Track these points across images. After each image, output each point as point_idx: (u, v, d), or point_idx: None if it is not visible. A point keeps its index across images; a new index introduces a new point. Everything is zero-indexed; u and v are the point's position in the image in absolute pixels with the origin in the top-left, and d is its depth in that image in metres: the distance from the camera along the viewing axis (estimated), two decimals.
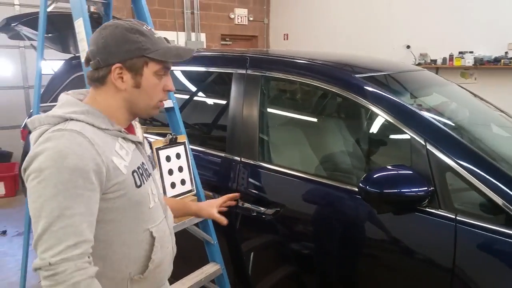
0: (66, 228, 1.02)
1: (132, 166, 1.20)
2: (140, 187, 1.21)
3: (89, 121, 1.14)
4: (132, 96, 1.21)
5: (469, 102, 2.69)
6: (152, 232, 1.25)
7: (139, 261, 1.23)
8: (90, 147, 1.09)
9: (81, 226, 1.04)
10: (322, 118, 2.49)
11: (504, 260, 1.53)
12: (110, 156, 1.13)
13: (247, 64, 2.32)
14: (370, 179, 1.67)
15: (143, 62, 1.19)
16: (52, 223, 1.01)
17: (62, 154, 1.04)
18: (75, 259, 1.02)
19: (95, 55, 1.17)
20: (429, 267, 1.68)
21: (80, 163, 1.05)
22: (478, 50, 6.29)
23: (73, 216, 1.03)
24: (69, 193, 1.03)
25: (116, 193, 1.14)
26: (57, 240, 1.01)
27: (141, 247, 1.23)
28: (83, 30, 1.85)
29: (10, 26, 3.70)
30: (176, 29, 8.62)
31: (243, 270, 2.27)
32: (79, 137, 1.08)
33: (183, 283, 2.09)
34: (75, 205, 1.03)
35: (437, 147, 1.70)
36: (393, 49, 7.27)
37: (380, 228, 1.79)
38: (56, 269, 1.00)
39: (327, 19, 8.56)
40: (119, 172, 1.14)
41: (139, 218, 1.22)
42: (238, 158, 2.24)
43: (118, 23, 1.20)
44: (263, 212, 2.10)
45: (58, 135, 1.08)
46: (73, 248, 1.02)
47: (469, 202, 1.64)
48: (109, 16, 2.41)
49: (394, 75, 2.37)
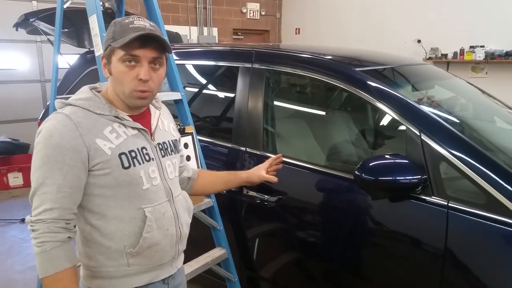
0: (46, 194, 1.21)
1: (121, 148, 1.30)
2: (128, 168, 1.30)
3: (85, 106, 1.29)
4: (113, 84, 1.34)
5: (471, 95, 2.75)
6: (145, 211, 1.33)
7: (133, 236, 1.32)
8: (74, 128, 1.24)
9: (58, 195, 1.22)
10: (324, 110, 2.57)
11: (493, 244, 1.60)
12: (94, 138, 1.26)
13: (253, 58, 2.41)
14: (366, 167, 1.75)
15: (110, 50, 1.30)
16: (37, 188, 1.22)
17: (50, 133, 1.23)
18: (49, 222, 1.21)
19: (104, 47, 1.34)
20: (422, 251, 1.76)
21: (62, 142, 1.22)
22: (489, 45, 6.28)
23: (52, 185, 1.21)
24: (50, 165, 1.21)
25: (101, 171, 1.28)
26: (40, 203, 1.22)
27: (134, 224, 1.33)
28: (96, 26, 1.96)
29: (29, 22, 3.84)
30: (189, 24, 8.73)
31: (248, 255, 2.37)
32: (66, 119, 1.24)
33: (190, 266, 2.20)
34: (54, 175, 1.22)
35: (431, 137, 1.77)
36: (404, 43, 7.27)
37: (377, 214, 1.88)
38: (33, 226, 1.22)
39: (339, 13, 8.58)
40: (101, 153, 1.27)
41: (130, 196, 1.32)
42: (244, 148, 2.34)
43: (118, 19, 1.33)
44: (267, 200, 2.20)
45: (53, 117, 1.27)
46: (49, 212, 1.21)
47: (460, 189, 1.72)
48: (122, 12, 2.52)
49: (396, 69, 2.43)
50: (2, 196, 5.14)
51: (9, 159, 5.44)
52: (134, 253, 1.33)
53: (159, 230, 1.37)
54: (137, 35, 1.25)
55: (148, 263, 1.38)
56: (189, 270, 2.17)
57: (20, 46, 6.39)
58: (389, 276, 1.88)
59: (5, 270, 3.36)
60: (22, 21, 3.97)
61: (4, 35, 5.98)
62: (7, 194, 5.22)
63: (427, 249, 1.74)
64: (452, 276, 1.68)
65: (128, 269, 1.35)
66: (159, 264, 1.42)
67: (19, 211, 4.58)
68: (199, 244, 2.43)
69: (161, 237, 1.38)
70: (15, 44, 6.32)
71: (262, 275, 2.36)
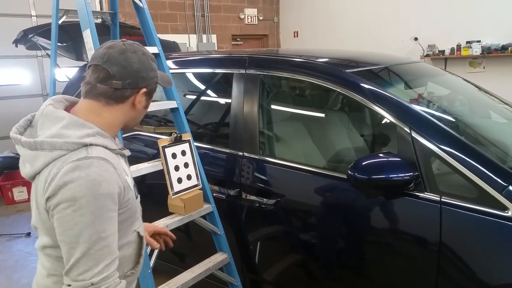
0: (103, 249, 1.11)
1: (132, 181, 1.31)
2: (137, 197, 1.34)
3: (103, 144, 1.19)
4: (138, 115, 1.33)
5: (466, 91, 2.77)
6: (139, 232, 1.36)
7: (131, 259, 1.34)
8: (114, 171, 1.16)
9: (114, 245, 1.15)
10: (318, 112, 2.60)
11: (486, 236, 1.63)
12: (124, 176, 1.22)
13: (246, 64, 2.45)
14: (359, 166, 1.78)
15: (155, 87, 1.34)
16: (91, 247, 1.09)
17: (95, 182, 1.10)
18: (112, 276, 1.14)
19: (126, 77, 1.22)
20: (418, 246, 1.79)
21: (111, 189, 1.13)
22: (486, 39, 6.30)
23: (108, 237, 1.12)
24: (103, 217, 1.11)
25: (126, 208, 1.24)
26: (95, 261, 1.10)
27: (131, 247, 1.34)
28: (90, 40, 2.01)
29: (27, 38, 3.91)
30: (187, 32, 8.81)
31: (249, 258, 2.40)
32: (106, 164, 1.14)
33: (192, 271, 2.24)
34: (108, 226, 1.13)
35: (422, 135, 1.80)
36: (401, 41, 7.31)
37: (372, 213, 1.91)
38: (99, 287, 1.10)
39: (335, 15, 8.63)
40: (128, 189, 1.25)
41: (131, 223, 1.32)
42: (241, 153, 2.38)
43: (143, 49, 1.29)
44: (265, 203, 2.23)
45: (87, 164, 1.11)
46: (110, 266, 1.13)
47: (452, 184, 1.74)
48: (116, 25, 2.58)
49: (389, 68, 2.47)
50: (7, 211, 5.20)
51: (14, 174, 5.49)
52: (133, 273, 1.35)
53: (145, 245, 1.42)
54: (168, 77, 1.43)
55: (135, 278, 1.41)
56: (192, 276, 2.20)
57: (22, 62, 6.47)
58: (388, 273, 1.91)
59: (12, 284, 3.40)
60: (21, 37, 4.05)
61: (6, 51, 6.06)
62: (12, 208, 5.27)
63: (423, 244, 1.77)
64: (448, 270, 1.70)
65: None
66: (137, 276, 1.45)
67: (24, 225, 4.62)
68: (201, 250, 2.47)
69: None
70: (17, 60, 6.40)
71: (264, 278, 2.38)
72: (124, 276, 1.31)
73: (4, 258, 3.89)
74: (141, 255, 1.36)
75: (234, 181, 2.37)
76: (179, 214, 2.19)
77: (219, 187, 2.44)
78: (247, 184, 2.32)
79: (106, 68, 1.21)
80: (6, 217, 5.01)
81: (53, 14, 2.37)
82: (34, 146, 1.14)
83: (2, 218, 4.98)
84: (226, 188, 2.41)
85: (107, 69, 1.21)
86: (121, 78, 1.21)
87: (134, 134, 2.89)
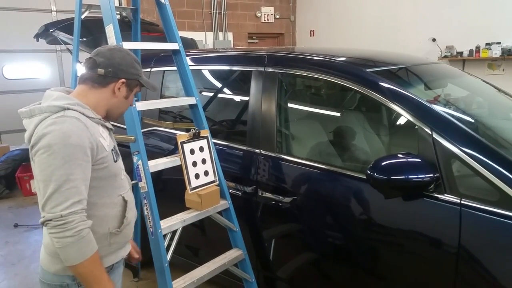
0: (71, 189, 1.37)
1: (110, 146, 1.58)
2: (116, 162, 1.60)
3: (80, 110, 1.47)
4: (118, 103, 1.62)
5: (486, 92, 2.74)
6: (124, 197, 1.62)
7: (116, 219, 1.60)
8: (85, 129, 1.44)
9: (81, 187, 1.40)
10: (336, 111, 2.59)
11: (506, 240, 1.60)
12: (97, 137, 1.49)
13: (265, 62, 2.46)
14: (378, 167, 1.77)
15: (136, 84, 1.64)
16: (61, 185, 1.35)
17: (67, 134, 1.38)
18: (79, 212, 1.39)
19: (108, 66, 1.54)
20: (436, 249, 1.77)
21: (80, 141, 1.40)
22: (506, 41, 6.19)
23: (76, 180, 1.38)
24: (72, 163, 1.37)
25: (101, 165, 1.50)
26: (65, 198, 1.36)
27: (116, 208, 1.60)
28: (113, 35, 2.03)
29: (49, 32, 3.97)
30: (204, 29, 8.85)
31: (264, 255, 2.41)
32: (77, 122, 1.42)
33: (208, 266, 2.26)
34: (77, 171, 1.38)
35: (443, 136, 1.79)
36: (419, 42, 7.24)
37: (390, 213, 1.89)
38: (66, 219, 1.35)
39: (353, 14, 8.58)
40: (102, 149, 1.50)
41: (114, 186, 1.59)
42: (258, 151, 2.38)
43: (129, 52, 1.64)
44: (281, 200, 2.23)
45: (62, 120, 1.40)
46: (78, 204, 1.38)
47: (473, 187, 1.72)
48: (138, 21, 2.60)
49: (408, 68, 2.45)
50: (25, 202, 5.28)
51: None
52: (118, 232, 1.59)
53: (131, 211, 1.66)
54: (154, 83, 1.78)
55: (123, 240, 1.66)
56: (207, 271, 2.22)
57: (41, 56, 6.58)
58: (405, 274, 1.90)
59: (29, 274, 3.46)
60: (42, 31, 4.11)
61: (26, 45, 6.16)
62: (30, 200, 5.36)
63: (441, 247, 1.75)
64: (466, 273, 1.68)
65: (109, 248, 1.59)
66: (128, 240, 1.71)
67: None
68: (216, 246, 2.49)
69: (132, 217, 1.68)
70: (36, 54, 6.51)
71: (278, 275, 2.39)
72: (110, 233, 1.57)
73: (22, 248, 3.96)
74: (125, 217, 1.61)
75: (250, 178, 2.38)
76: (196, 210, 2.21)
77: (235, 184, 2.45)
78: (263, 181, 2.33)
79: (94, 59, 1.55)
80: (24, 208, 5.09)
81: (76, 8, 2.40)
82: (29, 114, 1.45)
83: (20, 209, 5.07)
84: (243, 185, 2.42)
85: (95, 59, 1.55)
86: (104, 67, 1.54)
87: (152, 130, 2.91)
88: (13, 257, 3.79)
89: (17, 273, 3.49)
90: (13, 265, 3.64)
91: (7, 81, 6.55)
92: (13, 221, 4.58)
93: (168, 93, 3.08)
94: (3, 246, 4.03)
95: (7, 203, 5.28)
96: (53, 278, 1.54)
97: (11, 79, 6.60)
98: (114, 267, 1.68)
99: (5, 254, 3.86)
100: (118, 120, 1.79)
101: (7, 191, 5.50)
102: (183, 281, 2.14)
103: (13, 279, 3.40)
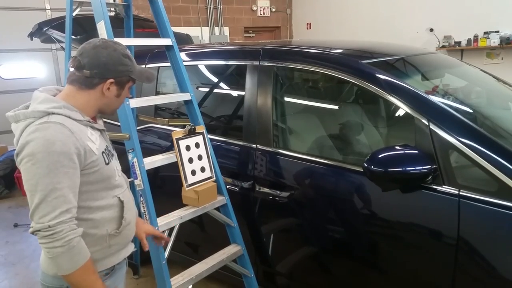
0: (59, 198, 1.31)
1: (101, 148, 1.51)
2: (108, 164, 1.52)
3: (66, 114, 1.40)
4: (110, 102, 1.54)
5: (484, 82, 2.71)
6: (120, 197, 1.56)
7: (114, 220, 1.55)
8: (71, 135, 1.37)
9: (69, 196, 1.34)
10: (333, 104, 2.57)
11: (506, 231, 1.59)
12: (85, 141, 1.42)
13: (260, 56, 2.43)
14: (375, 159, 1.75)
15: (127, 80, 1.54)
16: (47, 194, 1.30)
17: (50, 141, 1.31)
18: (68, 221, 1.33)
19: (93, 67, 1.44)
20: (435, 240, 1.76)
21: (65, 148, 1.33)
22: (504, 29, 6.15)
23: (63, 189, 1.32)
24: (58, 171, 1.31)
25: (91, 169, 1.44)
26: (52, 207, 1.31)
27: (113, 210, 1.54)
28: (104, 32, 2.01)
29: (42, 31, 3.93)
30: (200, 25, 8.80)
31: (263, 250, 2.40)
32: (62, 128, 1.36)
33: (206, 263, 2.25)
34: (63, 179, 1.32)
35: (440, 126, 1.77)
36: (416, 33, 7.20)
37: (387, 206, 1.88)
38: (54, 229, 1.31)
39: (349, 6, 8.53)
40: (91, 153, 1.44)
41: (108, 188, 1.53)
42: (255, 146, 2.36)
43: (116, 47, 1.50)
44: (278, 195, 2.22)
45: (45, 127, 1.34)
46: (66, 213, 1.33)
47: (471, 177, 1.71)
48: (130, 17, 2.57)
49: (405, 59, 2.42)
50: (24, 202, 5.27)
51: None
52: (117, 233, 1.55)
53: (130, 211, 1.62)
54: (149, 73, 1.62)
55: (124, 241, 1.61)
56: (205, 267, 2.21)
57: (37, 55, 6.54)
58: (404, 266, 1.89)
59: (30, 273, 3.45)
60: (36, 30, 4.07)
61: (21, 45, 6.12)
62: None
63: (440, 238, 1.74)
64: (466, 264, 1.67)
65: (109, 250, 1.55)
66: (129, 240, 1.67)
67: None
68: (215, 242, 2.48)
69: (131, 217, 1.63)
70: (32, 53, 6.47)
71: (277, 270, 2.38)
72: (109, 235, 1.53)
73: (22, 248, 3.96)
74: (123, 218, 1.56)
75: (247, 173, 2.37)
76: (193, 206, 2.19)
77: (232, 180, 2.43)
78: (260, 176, 2.31)
79: (79, 59, 1.45)
80: (24, 208, 5.09)
81: (67, 6, 2.37)
82: (15, 119, 1.40)
83: (19, 209, 5.07)
84: (240, 181, 2.40)
85: (80, 60, 1.45)
86: (90, 68, 1.44)
87: (148, 127, 2.89)
88: (14, 257, 3.79)
89: (17, 273, 3.49)
90: (13, 264, 3.64)
91: (4, 81, 6.53)
92: (13, 221, 4.58)
93: (164, 89, 3.06)
94: (3, 246, 4.02)
95: (7, 203, 5.28)
96: (52, 280, 1.51)
97: (8, 79, 6.57)
98: (116, 268, 1.63)
99: (5, 254, 3.86)
100: (112, 117, 1.77)
101: (7, 191, 5.50)
102: (182, 278, 2.13)
103: (13, 279, 3.40)
